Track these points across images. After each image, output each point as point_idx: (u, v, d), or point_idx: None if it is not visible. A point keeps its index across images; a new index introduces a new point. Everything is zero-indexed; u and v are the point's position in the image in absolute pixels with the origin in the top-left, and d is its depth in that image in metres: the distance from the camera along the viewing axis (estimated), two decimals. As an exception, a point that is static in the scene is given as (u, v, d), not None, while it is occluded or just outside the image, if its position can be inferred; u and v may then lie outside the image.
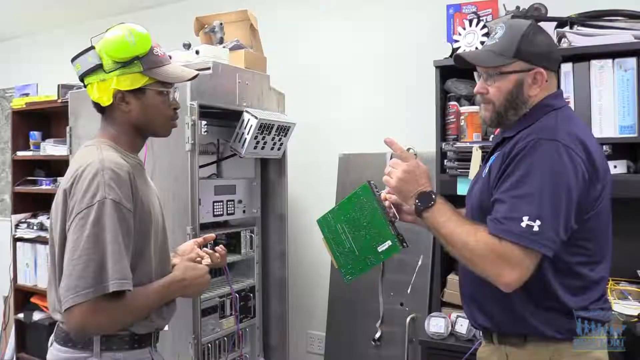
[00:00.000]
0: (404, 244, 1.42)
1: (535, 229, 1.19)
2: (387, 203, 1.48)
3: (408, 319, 2.42)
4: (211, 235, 1.65)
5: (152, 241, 1.34)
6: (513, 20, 1.43)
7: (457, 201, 1.47)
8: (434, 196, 1.30)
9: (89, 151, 1.31)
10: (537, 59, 1.35)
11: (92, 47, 1.34)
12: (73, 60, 1.37)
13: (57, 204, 1.29)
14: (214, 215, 2.29)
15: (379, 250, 1.43)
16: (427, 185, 1.33)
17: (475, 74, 1.47)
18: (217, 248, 1.61)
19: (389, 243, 1.42)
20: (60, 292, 1.19)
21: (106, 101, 1.33)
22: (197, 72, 1.47)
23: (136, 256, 1.28)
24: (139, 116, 1.36)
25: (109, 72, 1.32)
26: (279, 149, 2.44)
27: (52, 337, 1.37)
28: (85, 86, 1.38)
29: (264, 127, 2.27)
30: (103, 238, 1.18)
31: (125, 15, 3.65)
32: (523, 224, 1.19)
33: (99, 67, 1.32)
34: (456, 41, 2.19)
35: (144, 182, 1.39)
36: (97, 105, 1.38)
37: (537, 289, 1.29)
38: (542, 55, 1.35)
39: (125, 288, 1.19)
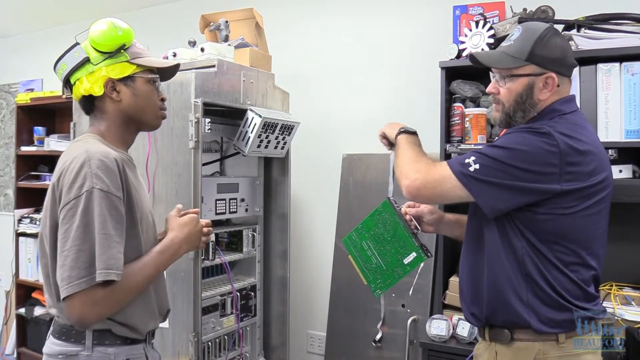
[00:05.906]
0: (428, 253, 1.50)
1: (471, 168, 1.30)
2: (407, 217, 1.53)
3: (409, 321, 2.41)
4: (195, 210, 1.53)
5: (139, 223, 1.33)
6: (530, 23, 1.43)
7: (461, 204, 1.47)
8: (416, 132, 1.53)
9: (76, 146, 1.31)
10: (550, 64, 1.36)
11: (77, 44, 1.36)
12: (57, 62, 1.37)
13: (46, 200, 1.29)
14: (217, 214, 2.28)
15: (405, 262, 1.50)
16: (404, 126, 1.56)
17: (490, 73, 1.48)
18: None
19: (414, 254, 1.49)
20: (58, 283, 1.19)
21: (97, 91, 1.34)
22: (178, 63, 1.50)
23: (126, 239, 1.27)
24: (130, 104, 1.37)
25: (97, 63, 1.33)
26: (282, 148, 2.43)
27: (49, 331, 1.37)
28: (71, 89, 1.38)
29: (268, 126, 2.27)
30: (92, 228, 1.18)
31: (130, 12, 3.66)
32: (466, 160, 1.31)
33: (86, 61, 1.33)
34: (462, 42, 2.18)
35: (135, 176, 1.38)
36: (85, 100, 1.38)
37: (521, 277, 1.32)
38: (555, 60, 1.36)
39: (110, 278, 1.17)
